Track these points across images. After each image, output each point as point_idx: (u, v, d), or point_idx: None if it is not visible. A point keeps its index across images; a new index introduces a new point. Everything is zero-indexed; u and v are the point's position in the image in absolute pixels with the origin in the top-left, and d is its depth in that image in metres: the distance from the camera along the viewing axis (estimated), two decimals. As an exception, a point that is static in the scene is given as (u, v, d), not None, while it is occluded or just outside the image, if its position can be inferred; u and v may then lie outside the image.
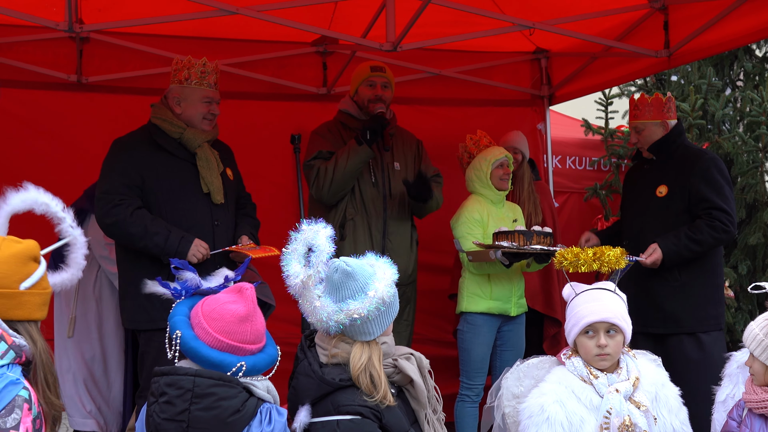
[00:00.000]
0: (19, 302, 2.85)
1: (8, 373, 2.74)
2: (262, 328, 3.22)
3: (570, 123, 8.45)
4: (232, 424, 3.03)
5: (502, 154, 5.78)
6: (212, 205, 5.04)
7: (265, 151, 6.67)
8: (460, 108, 7.16)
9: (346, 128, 5.70)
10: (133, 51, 6.43)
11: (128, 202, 4.84)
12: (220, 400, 3.03)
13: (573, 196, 7.82)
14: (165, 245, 4.77)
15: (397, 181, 5.67)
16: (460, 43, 6.59)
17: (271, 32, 6.26)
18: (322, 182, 5.47)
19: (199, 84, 5.02)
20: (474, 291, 5.69)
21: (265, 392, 3.16)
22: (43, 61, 6.37)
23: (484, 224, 5.69)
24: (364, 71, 5.72)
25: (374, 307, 3.27)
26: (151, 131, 5.03)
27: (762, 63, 7.81)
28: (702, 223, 5.33)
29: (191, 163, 5.01)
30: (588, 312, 3.63)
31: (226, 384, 3.05)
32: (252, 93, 6.77)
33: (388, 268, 3.38)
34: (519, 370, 3.84)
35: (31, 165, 6.28)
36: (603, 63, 6.72)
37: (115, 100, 6.41)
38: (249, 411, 3.06)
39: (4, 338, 2.79)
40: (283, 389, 3.44)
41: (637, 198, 5.65)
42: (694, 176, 5.41)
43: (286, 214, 6.50)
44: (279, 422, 3.07)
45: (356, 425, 3.25)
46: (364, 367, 3.30)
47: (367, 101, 5.65)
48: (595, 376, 3.61)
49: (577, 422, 3.52)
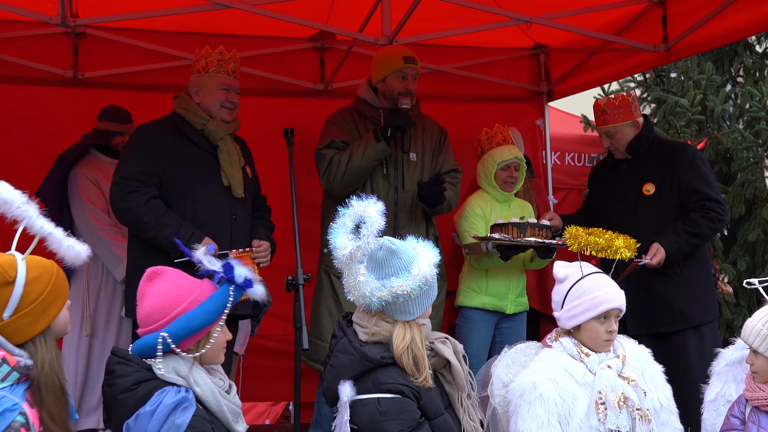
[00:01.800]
0: (10, 331, 2.79)
1: (8, 396, 2.72)
2: (161, 301, 3.08)
3: (568, 119, 8.42)
4: (122, 401, 2.99)
5: (509, 156, 5.63)
6: (232, 199, 4.98)
7: (261, 147, 6.62)
8: (457, 104, 7.11)
9: (361, 116, 5.48)
10: (129, 47, 6.41)
11: (144, 189, 4.77)
12: (117, 377, 3.02)
13: (572, 193, 7.79)
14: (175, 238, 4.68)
15: (411, 174, 5.44)
16: (457, 39, 6.55)
17: (267, 27, 6.25)
18: (334, 174, 5.27)
19: (216, 72, 4.97)
20: (470, 286, 5.65)
21: (173, 374, 3.03)
22: (38, 57, 6.37)
23: (486, 220, 5.62)
24: (397, 61, 5.36)
25: (417, 285, 3.33)
26: (175, 121, 4.97)
27: (762, 59, 7.78)
28: (697, 216, 5.32)
29: (213, 155, 4.95)
30: (608, 298, 3.66)
31: (125, 362, 3.04)
32: (248, 89, 6.67)
33: (431, 250, 3.43)
34: (507, 356, 3.86)
35: (27, 161, 6.30)
36: (601, 58, 6.69)
37: (112, 95, 6.36)
38: (142, 391, 2.99)
39: (7, 360, 2.76)
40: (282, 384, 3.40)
41: (621, 199, 5.57)
42: (682, 170, 5.40)
43: (283, 210, 6.45)
44: (164, 405, 2.94)
45: (397, 404, 3.30)
46: (407, 347, 3.36)
47: (397, 93, 5.38)
48: (586, 354, 3.66)
49: (569, 399, 3.56)
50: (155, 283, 3.13)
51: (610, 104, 5.53)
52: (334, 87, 6.83)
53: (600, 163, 5.93)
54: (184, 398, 2.98)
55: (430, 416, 3.37)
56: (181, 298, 3.09)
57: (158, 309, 3.08)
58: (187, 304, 3.08)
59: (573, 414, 3.55)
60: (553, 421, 3.53)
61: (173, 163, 4.86)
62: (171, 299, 3.08)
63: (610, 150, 5.64)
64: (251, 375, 6.73)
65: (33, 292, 2.83)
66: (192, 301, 3.10)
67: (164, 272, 3.17)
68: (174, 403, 2.95)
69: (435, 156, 5.57)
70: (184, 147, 4.92)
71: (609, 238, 4.29)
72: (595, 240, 4.15)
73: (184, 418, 2.94)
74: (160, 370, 3.03)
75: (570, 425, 3.54)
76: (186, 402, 2.98)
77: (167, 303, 3.08)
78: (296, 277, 4.62)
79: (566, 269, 3.80)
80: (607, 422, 3.54)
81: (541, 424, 3.52)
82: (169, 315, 3.07)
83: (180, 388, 3.02)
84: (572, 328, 3.72)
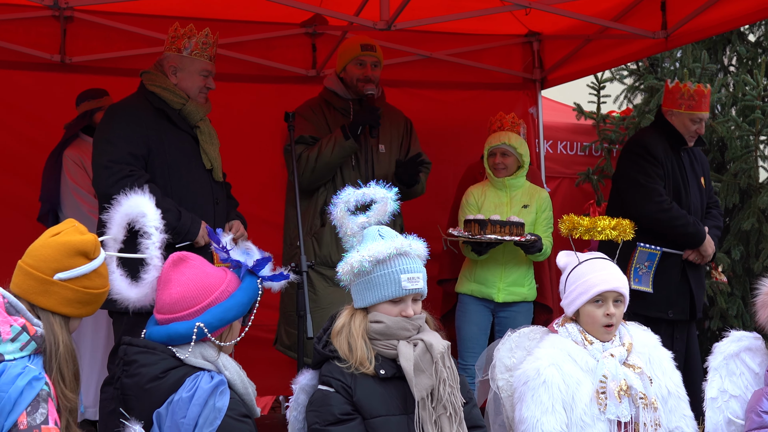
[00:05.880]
0: (45, 289, 2.85)
1: (30, 366, 2.75)
2: (191, 289, 3.10)
3: (561, 108, 8.37)
4: (150, 390, 2.99)
5: (497, 142, 5.70)
6: (213, 183, 4.84)
7: (252, 134, 6.58)
8: (450, 91, 7.08)
9: (330, 107, 5.53)
10: (117, 31, 6.30)
11: (138, 173, 4.53)
12: (141, 366, 3.02)
13: (565, 182, 7.74)
14: (177, 224, 4.48)
15: (380, 165, 5.50)
16: (451, 26, 6.49)
17: (259, 12, 6.16)
18: (302, 170, 5.29)
19: (199, 55, 4.75)
20: (464, 273, 5.78)
21: (201, 360, 3.04)
22: (25, 41, 6.24)
23: (478, 208, 5.68)
24: (354, 49, 5.49)
25: (345, 270, 3.31)
26: (150, 99, 4.73)
27: (755, 47, 7.75)
28: (717, 213, 5.92)
29: (192, 136, 4.78)
30: (600, 280, 3.63)
31: (149, 351, 3.04)
32: (239, 75, 6.65)
33: (383, 245, 3.29)
34: (510, 340, 3.85)
35: (13, 146, 6.23)
36: (597, 46, 6.63)
37: (100, 81, 6.23)
38: (172, 379, 3.00)
39: (27, 329, 2.79)
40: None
41: (687, 187, 5.74)
42: (708, 169, 5.94)
43: (275, 198, 6.39)
44: (202, 389, 2.96)
45: (323, 396, 3.25)
46: (339, 330, 3.31)
47: (356, 80, 5.44)
48: (590, 341, 3.63)
49: (573, 384, 3.53)
50: (182, 270, 3.12)
51: (700, 92, 5.67)
52: (326, 73, 6.70)
53: (659, 152, 5.76)
54: (221, 381, 3.02)
55: (366, 415, 3.24)
56: (211, 287, 3.10)
57: (188, 296, 3.08)
58: (218, 294, 3.10)
59: (577, 400, 3.53)
60: (557, 407, 3.51)
61: (157, 145, 4.65)
62: (201, 287, 3.09)
63: (692, 136, 5.73)
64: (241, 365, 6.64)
65: (93, 280, 2.92)
66: (222, 291, 3.11)
67: (190, 258, 3.16)
68: (212, 387, 2.98)
69: (403, 146, 5.64)
70: (164, 128, 4.69)
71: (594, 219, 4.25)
72: (579, 222, 4.10)
73: (224, 401, 2.98)
74: (189, 357, 3.03)
75: (575, 411, 3.52)
76: (222, 385, 3.01)
77: (197, 291, 3.09)
78: (300, 264, 4.51)
79: (566, 258, 3.80)
80: (607, 412, 3.52)
81: (545, 410, 3.49)
82: (201, 304, 3.08)
83: (212, 372, 3.04)
84: (573, 315, 3.69)
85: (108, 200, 4.59)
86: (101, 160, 4.59)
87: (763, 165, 7.36)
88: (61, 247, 2.87)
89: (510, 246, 5.57)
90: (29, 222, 6.03)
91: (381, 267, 3.29)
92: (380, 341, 3.32)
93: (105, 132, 4.69)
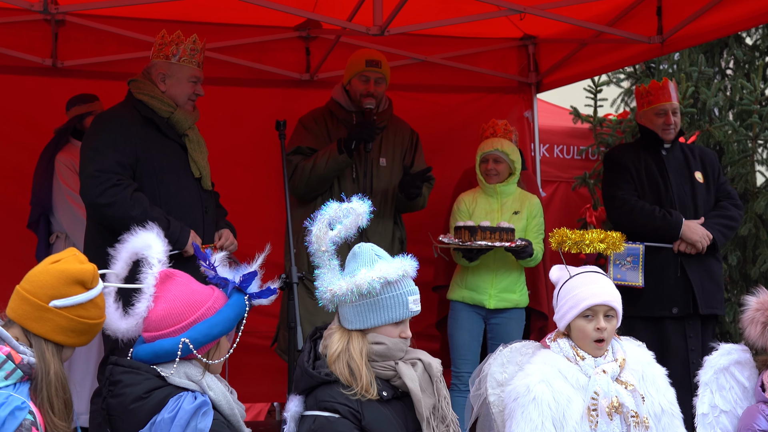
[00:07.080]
0: (40, 316, 2.85)
1: (14, 395, 2.73)
2: (177, 306, 3.07)
3: (557, 111, 8.33)
4: (134, 411, 2.96)
5: (489, 148, 5.68)
6: (202, 192, 4.81)
7: (246, 139, 6.54)
8: (445, 95, 7.04)
9: (333, 118, 5.57)
10: (109, 34, 6.27)
11: (126, 182, 4.53)
12: (125, 387, 2.99)
13: (561, 186, 7.72)
14: (166, 233, 4.48)
15: (380, 178, 5.53)
16: (446, 29, 6.45)
17: (252, 16, 6.11)
18: (297, 181, 5.37)
19: (188, 62, 4.73)
20: (455, 279, 5.75)
21: (185, 380, 3.01)
22: (17, 45, 6.23)
23: (469, 215, 5.66)
24: (359, 64, 5.50)
25: (349, 290, 3.20)
26: (137, 108, 4.71)
27: (753, 51, 7.71)
28: (728, 204, 5.77)
29: (180, 144, 4.75)
30: (589, 294, 3.58)
31: (133, 371, 3.01)
32: (233, 79, 6.63)
33: (391, 267, 3.25)
34: (502, 355, 3.80)
35: (4, 151, 6.21)
36: (592, 50, 6.60)
37: (92, 84, 6.21)
38: (155, 399, 2.96)
39: (12, 357, 2.77)
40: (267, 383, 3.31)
41: (668, 183, 5.69)
42: (716, 160, 5.84)
43: (269, 204, 6.37)
44: (184, 410, 2.92)
45: (330, 423, 3.17)
46: (338, 355, 3.23)
47: (359, 95, 5.48)
48: (582, 357, 3.59)
49: (564, 402, 3.49)
50: (168, 287, 3.09)
51: (665, 84, 5.70)
52: (320, 77, 6.72)
53: (632, 150, 5.93)
54: (204, 402, 2.97)
55: None
56: (197, 304, 3.08)
57: (174, 313, 3.05)
58: (204, 310, 3.07)
59: (568, 417, 3.48)
60: (547, 424, 3.46)
61: (145, 154, 4.63)
62: (187, 304, 3.06)
63: (663, 129, 5.70)
64: (236, 372, 6.60)
65: (88, 310, 2.92)
66: (209, 307, 3.09)
67: (177, 275, 3.14)
68: (194, 408, 2.93)
69: (406, 159, 5.66)
70: (152, 136, 4.68)
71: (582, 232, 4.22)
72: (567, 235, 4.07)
73: (206, 422, 2.94)
74: (172, 376, 3.00)
75: (565, 429, 3.47)
76: (205, 406, 2.97)
77: (183, 307, 3.06)
78: (290, 275, 4.46)
79: (558, 272, 3.77)
80: (598, 430, 3.48)
81: (535, 427, 3.45)
82: (187, 320, 3.05)
83: (195, 393, 3.01)
84: (565, 330, 3.65)
85: (95, 209, 4.64)
86: (88, 169, 4.58)
87: (760, 169, 7.34)
88: (59, 275, 2.87)
89: (501, 252, 5.54)
90: (21, 227, 6.01)
91: (389, 288, 3.25)
92: (378, 363, 3.28)
93: (92, 141, 4.68)
